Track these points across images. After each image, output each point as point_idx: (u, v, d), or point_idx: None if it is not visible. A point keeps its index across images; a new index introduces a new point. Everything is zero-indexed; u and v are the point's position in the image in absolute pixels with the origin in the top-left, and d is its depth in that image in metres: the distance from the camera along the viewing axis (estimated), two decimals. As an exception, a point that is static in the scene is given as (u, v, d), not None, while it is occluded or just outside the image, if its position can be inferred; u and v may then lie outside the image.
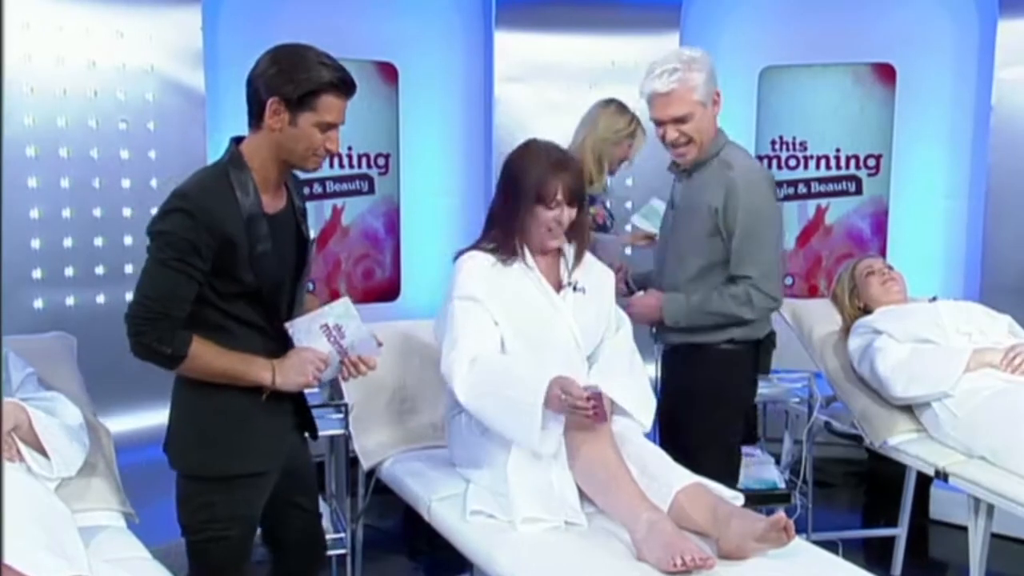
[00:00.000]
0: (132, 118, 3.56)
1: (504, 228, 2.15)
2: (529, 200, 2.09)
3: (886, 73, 4.39)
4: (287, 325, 1.93)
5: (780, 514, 1.75)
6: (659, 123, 2.50)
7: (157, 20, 3.60)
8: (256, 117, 1.93)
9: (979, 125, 4.03)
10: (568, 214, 2.11)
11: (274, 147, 1.91)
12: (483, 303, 2.09)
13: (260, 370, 1.88)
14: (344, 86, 1.90)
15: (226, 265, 1.85)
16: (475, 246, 2.20)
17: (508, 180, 2.16)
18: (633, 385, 2.10)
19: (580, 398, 1.86)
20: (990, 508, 2.37)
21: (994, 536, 2.92)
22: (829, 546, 3.06)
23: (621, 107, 3.38)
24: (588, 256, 2.27)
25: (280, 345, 1.94)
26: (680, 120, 2.44)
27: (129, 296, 2.03)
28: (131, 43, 3.56)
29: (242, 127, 2.58)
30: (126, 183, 3.53)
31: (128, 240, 3.55)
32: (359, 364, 2.00)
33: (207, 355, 1.84)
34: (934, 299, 2.98)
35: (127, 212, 3.56)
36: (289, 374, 1.89)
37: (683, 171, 2.56)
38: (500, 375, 2.01)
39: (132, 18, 3.56)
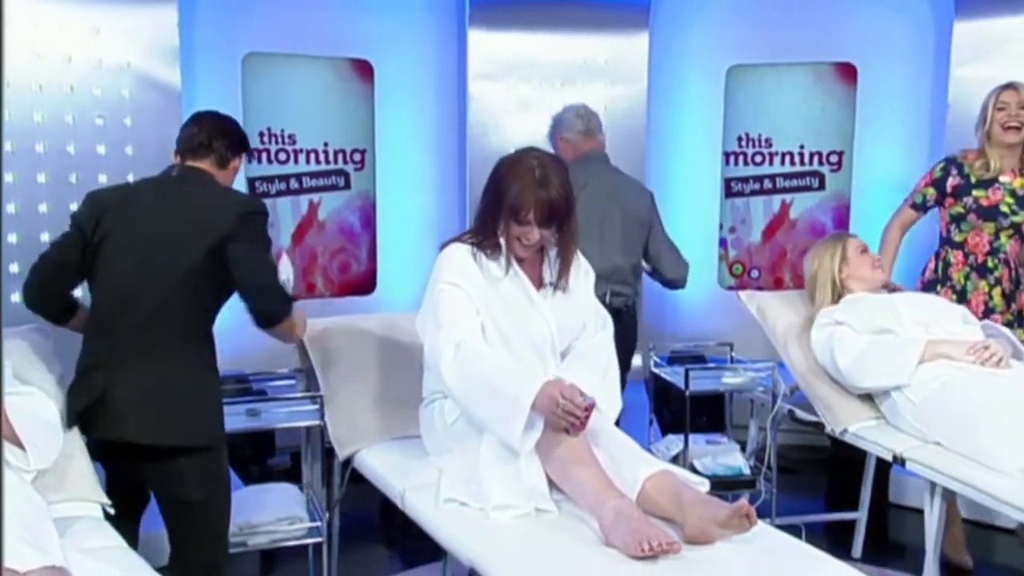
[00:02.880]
0: (109, 114, 3.52)
1: (486, 226, 2.14)
2: (504, 211, 2.07)
3: (847, 72, 4.43)
4: None
5: (742, 501, 1.76)
6: None
7: (133, 17, 3.56)
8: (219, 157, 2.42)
9: (935, 122, 4.07)
10: (540, 233, 2.08)
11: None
12: (466, 290, 2.09)
13: None
14: None
15: None
16: (460, 238, 2.20)
17: (493, 184, 2.13)
18: (605, 382, 2.12)
19: (579, 407, 1.86)
20: (945, 491, 2.40)
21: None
22: (792, 530, 3.08)
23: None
24: (577, 255, 2.25)
25: None
26: None
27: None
28: (107, 39, 3.52)
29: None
30: (103, 178, 3.49)
31: (105, 235, 3.50)
32: None
33: None
34: (892, 291, 3.01)
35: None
36: None
37: None
38: (490, 365, 2.00)
39: (108, 14, 3.52)
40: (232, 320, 3.96)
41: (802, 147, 4.55)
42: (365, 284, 4.39)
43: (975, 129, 3.19)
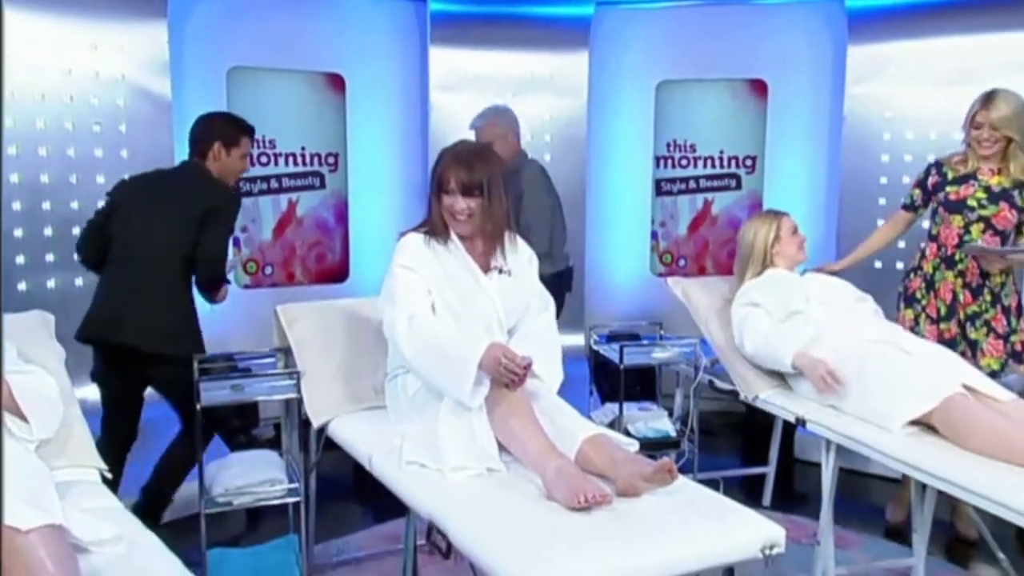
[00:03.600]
0: (105, 121, 3.46)
1: (431, 210, 2.16)
2: (434, 187, 2.12)
3: (760, 88, 4.48)
4: None
5: (665, 459, 1.76)
6: None
7: (127, 34, 3.49)
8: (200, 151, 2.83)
9: (833, 132, 4.15)
10: (464, 203, 2.08)
11: (216, 171, 2.81)
12: (417, 271, 2.09)
13: None
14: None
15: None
16: (415, 228, 2.20)
17: (432, 169, 2.17)
18: (548, 357, 2.13)
19: (518, 365, 1.88)
20: (839, 447, 2.44)
21: (846, 472, 3.03)
22: (712, 483, 3.10)
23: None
24: (519, 242, 2.24)
25: None
26: None
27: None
28: (104, 54, 3.45)
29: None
30: (100, 179, 3.43)
31: (103, 229, 3.43)
32: None
33: None
34: (804, 272, 3.00)
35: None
36: None
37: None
38: (440, 334, 2.01)
39: (105, 32, 3.45)
40: (220, 308, 3.92)
41: (722, 152, 4.60)
42: (339, 272, 4.36)
43: (963, 128, 2.91)
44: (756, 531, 1.66)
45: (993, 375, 2.74)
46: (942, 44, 3.77)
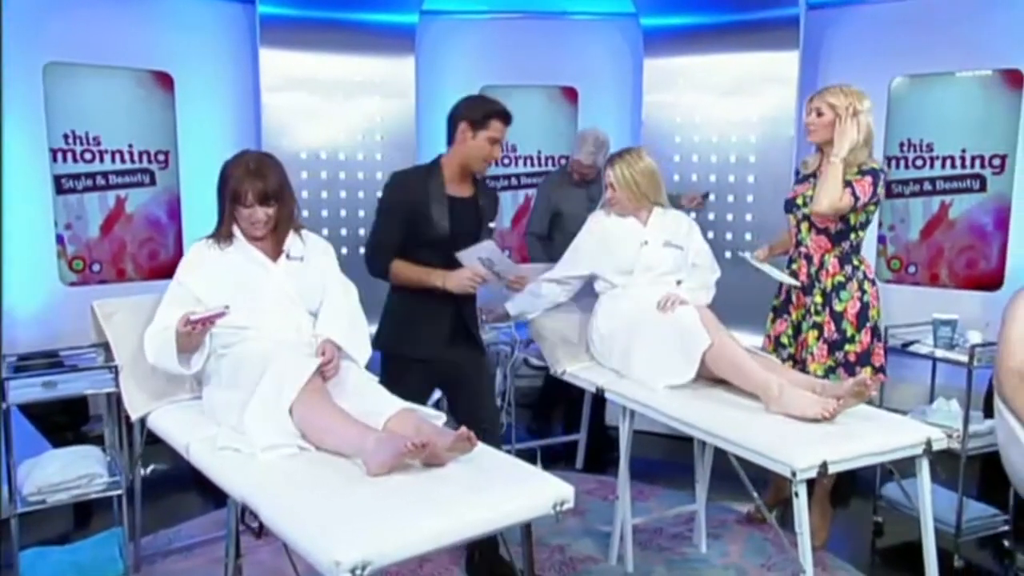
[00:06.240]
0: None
1: (221, 219, 2.17)
2: (230, 200, 2.12)
3: (571, 94, 4.62)
4: (457, 255, 2.35)
5: (463, 429, 1.78)
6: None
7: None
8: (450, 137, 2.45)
9: (634, 134, 4.33)
10: (263, 212, 2.11)
11: (458, 156, 2.42)
12: (187, 285, 2.13)
13: (435, 277, 2.37)
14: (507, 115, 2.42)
15: (412, 222, 2.37)
16: (208, 235, 2.20)
17: (219, 182, 2.16)
18: (353, 333, 2.13)
19: (189, 321, 1.94)
20: (632, 412, 2.56)
21: (647, 434, 3.17)
22: (530, 452, 3.18)
23: None
24: (309, 235, 2.26)
25: None
26: None
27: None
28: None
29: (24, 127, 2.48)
30: (-101, 175, 3.04)
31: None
32: (517, 281, 2.53)
33: (402, 269, 2.41)
34: (645, 243, 2.67)
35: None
36: (452, 280, 2.36)
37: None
38: (161, 332, 2.07)
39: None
40: (46, 306, 3.59)
41: (539, 152, 4.72)
42: (172, 268, 4.04)
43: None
44: (549, 491, 1.70)
45: None
46: (719, 60, 4.03)
